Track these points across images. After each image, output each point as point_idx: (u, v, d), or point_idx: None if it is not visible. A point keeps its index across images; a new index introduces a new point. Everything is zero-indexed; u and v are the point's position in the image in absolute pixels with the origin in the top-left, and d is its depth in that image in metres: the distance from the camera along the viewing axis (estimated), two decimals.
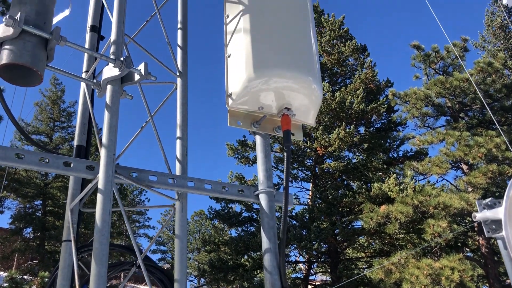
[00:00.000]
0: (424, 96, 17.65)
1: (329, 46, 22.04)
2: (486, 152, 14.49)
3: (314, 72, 2.79)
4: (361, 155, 20.07)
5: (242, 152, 20.60)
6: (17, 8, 2.11)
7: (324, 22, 22.78)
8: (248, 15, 2.82)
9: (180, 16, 3.28)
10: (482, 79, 16.92)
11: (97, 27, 3.16)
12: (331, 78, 22.30)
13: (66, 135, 29.15)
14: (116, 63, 2.28)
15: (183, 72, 3.05)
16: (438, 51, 18.41)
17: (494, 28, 22.12)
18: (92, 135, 2.87)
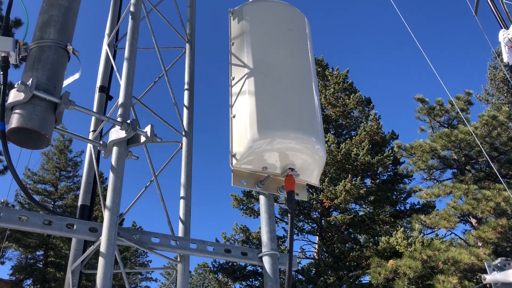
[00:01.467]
0: (429, 149, 17.66)
1: (334, 99, 22.36)
2: (495, 206, 14.30)
3: (317, 133, 2.82)
4: (368, 208, 19.85)
5: (247, 204, 20.45)
6: (29, 73, 2.19)
7: (329, 75, 23.24)
8: (252, 77, 2.90)
9: (187, 77, 3.37)
10: (488, 132, 16.97)
11: (105, 87, 3.25)
12: (336, 130, 22.47)
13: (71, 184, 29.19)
14: (123, 125, 2.32)
15: (189, 131, 3.10)
16: (442, 104, 18.61)
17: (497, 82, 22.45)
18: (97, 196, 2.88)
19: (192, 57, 3.51)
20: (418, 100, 19.11)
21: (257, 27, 3.15)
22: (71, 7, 2.48)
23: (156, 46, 3.27)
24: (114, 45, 3.44)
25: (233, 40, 3.24)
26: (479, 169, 17.91)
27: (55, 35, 2.33)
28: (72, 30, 2.47)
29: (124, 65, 2.64)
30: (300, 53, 3.09)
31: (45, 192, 28.56)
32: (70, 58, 2.41)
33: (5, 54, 2.23)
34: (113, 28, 3.52)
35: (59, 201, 28.67)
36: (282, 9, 3.30)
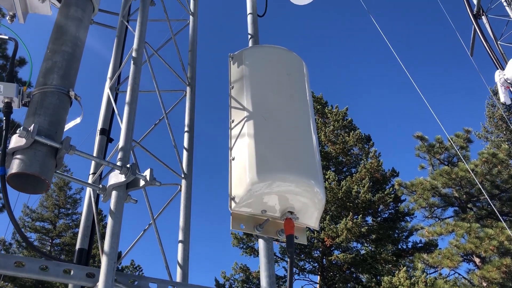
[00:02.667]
0: (430, 187, 17.61)
1: (334, 136, 22.47)
2: (498, 245, 14.12)
3: (316, 176, 2.83)
4: (370, 246, 19.59)
5: (247, 242, 20.20)
6: (31, 119, 2.22)
7: (328, 113, 23.45)
8: (252, 120, 2.93)
9: (187, 119, 3.41)
10: (488, 170, 16.96)
11: (106, 130, 3.29)
12: (336, 167, 22.46)
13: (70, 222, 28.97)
14: (123, 170, 2.34)
15: (188, 174, 3.11)
16: (441, 142, 18.68)
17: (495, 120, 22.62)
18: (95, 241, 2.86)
19: (193, 100, 3.56)
20: (417, 137, 19.20)
21: (257, 72, 3.22)
22: (74, 53, 2.54)
23: (157, 89, 3.33)
24: (115, 88, 3.50)
25: (233, 83, 3.30)
26: (481, 207, 17.78)
27: (58, 81, 2.38)
28: (75, 75, 2.52)
29: (125, 110, 2.68)
30: (298, 97, 3.14)
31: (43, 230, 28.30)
32: (72, 103, 2.45)
33: (9, 100, 2.27)
34: (115, 71, 3.59)
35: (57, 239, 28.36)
36: (281, 54, 3.37)
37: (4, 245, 25.17)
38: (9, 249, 26.30)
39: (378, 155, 21.57)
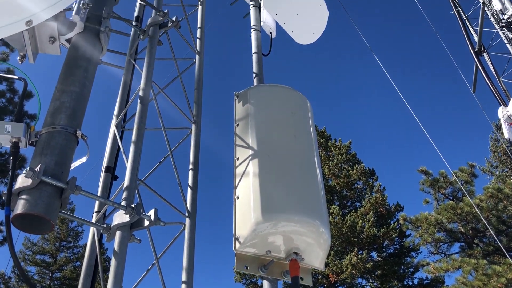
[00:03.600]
0: (435, 222, 17.41)
1: (338, 170, 22.41)
2: (506, 282, 13.82)
3: (322, 215, 2.82)
4: (375, 283, 19.23)
5: (250, 278, 19.87)
6: (38, 159, 2.23)
7: (332, 146, 23.47)
8: (256, 159, 2.94)
9: (192, 157, 3.42)
10: (494, 205, 16.79)
11: (111, 168, 3.30)
12: (340, 201, 22.31)
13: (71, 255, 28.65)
14: (127, 210, 2.33)
15: (192, 212, 3.10)
16: (446, 176, 18.59)
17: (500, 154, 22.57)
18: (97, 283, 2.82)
19: (198, 137, 3.59)
20: (421, 172, 19.12)
21: (262, 110, 3.25)
22: (82, 93, 2.58)
23: (163, 127, 3.35)
24: (121, 126, 3.53)
25: (238, 121, 3.33)
26: (488, 243, 17.52)
27: (65, 121, 2.40)
28: (82, 115, 2.55)
29: (131, 149, 2.70)
30: (303, 136, 3.15)
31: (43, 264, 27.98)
32: (78, 143, 2.47)
33: (16, 140, 2.30)
34: (122, 109, 3.63)
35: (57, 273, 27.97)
36: (285, 93, 3.41)
37: (4, 279, 24.84)
38: (8, 283, 25.94)
39: (382, 189, 21.45)
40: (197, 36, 4.49)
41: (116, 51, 3.48)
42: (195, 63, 4.21)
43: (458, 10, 9.59)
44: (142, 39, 3.58)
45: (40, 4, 2.11)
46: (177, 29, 3.65)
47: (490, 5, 9.40)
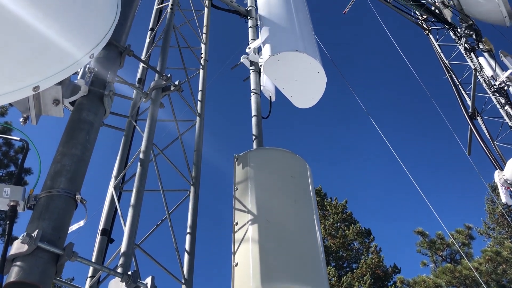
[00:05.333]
0: (433, 285, 16.99)
1: (333, 229, 22.13)
2: None
3: (322, 284, 2.76)
4: None
5: None
6: (36, 223, 2.19)
7: (327, 205, 23.30)
8: (256, 224, 2.91)
9: (190, 221, 3.39)
10: (493, 268, 16.48)
11: (107, 230, 3.24)
12: (336, 262, 21.83)
13: None
14: (124, 277, 2.26)
15: (189, 279, 3.02)
16: (443, 238, 18.38)
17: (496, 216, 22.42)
18: None
19: (196, 200, 3.56)
20: (418, 233, 18.91)
21: (261, 174, 3.25)
22: (83, 156, 2.58)
23: (162, 190, 3.33)
24: (120, 187, 3.50)
25: (237, 185, 3.32)
26: None
27: (65, 184, 2.38)
28: (82, 178, 2.53)
29: (129, 213, 2.66)
30: (303, 201, 3.14)
31: None
32: (77, 206, 2.44)
33: (14, 204, 2.26)
34: (120, 170, 3.62)
35: None
36: (285, 157, 3.43)
37: None
38: None
39: (379, 250, 21.10)
40: (198, 99, 4.57)
41: (117, 114, 3.52)
42: (195, 124, 4.25)
43: (451, 75, 9.88)
44: (144, 101, 3.63)
45: (48, 71, 2.15)
46: (180, 93, 3.72)
47: (482, 71, 9.70)
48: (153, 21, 5.18)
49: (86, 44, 2.31)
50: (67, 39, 2.17)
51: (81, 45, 2.29)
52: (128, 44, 3.39)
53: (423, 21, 11.27)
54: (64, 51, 2.19)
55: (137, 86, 4.20)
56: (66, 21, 2.12)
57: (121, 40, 3.41)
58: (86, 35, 2.31)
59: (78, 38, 2.26)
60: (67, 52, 2.21)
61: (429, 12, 11.06)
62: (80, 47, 2.28)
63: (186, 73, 4.47)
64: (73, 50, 2.24)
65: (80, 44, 2.28)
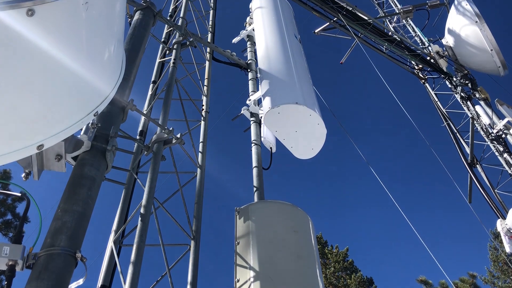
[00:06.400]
0: None
1: (335, 279, 21.63)
2: None
3: None
4: None
5: None
6: (34, 284, 2.15)
7: (328, 253, 22.90)
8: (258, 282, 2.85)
9: (190, 276, 3.32)
10: None
11: (106, 287, 3.17)
12: None
13: None
14: None
15: None
16: (446, 287, 17.96)
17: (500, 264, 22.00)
18: None
19: (197, 254, 3.51)
20: (421, 282, 18.52)
21: (263, 228, 3.22)
22: (85, 213, 2.56)
23: (162, 244, 3.29)
24: (119, 242, 3.46)
25: (239, 239, 3.27)
26: None
27: (66, 242, 2.35)
28: (83, 236, 2.50)
29: (130, 270, 2.62)
30: (306, 256, 3.09)
31: None
32: (77, 264, 2.39)
33: (13, 263, 2.22)
34: (121, 224, 3.59)
35: None
36: (286, 211, 3.41)
37: None
38: None
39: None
40: (199, 150, 4.59)
41: (118, 168, 3.52)
42: (196, 176, 4.25)
43: (448, 123, 9.98)
44: (146, 155, 3.65)
45: (52, 130, 2.17)
46: (181, 145, 3.74)
47: (479, 119, 9.81)
48: (156, 74, 5.29)
49: (91, 103, 2.35)
50: (72, 98, 2.21)
51: (85, 103, 2.32)
52: (131, 99, 3.44)
53: (419, 71, 11.50)
54: (69, 110, 2.22)
55: (139, 139, 4.24)
56: (71, 81, 2.15)
57: (125, 95, 3.47)
58: (91, 94, 2.35)
59: (83, 97, 2.30)
60: (72, 111, 2.25)
61: (424, 62, 11.31)
62: (85, 105, 2.32)
63: (187, 125, 4.51)
64: (77, 109, 2.27)
65: (84, 102, 2.32)
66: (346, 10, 10.42)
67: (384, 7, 13.50)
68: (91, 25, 2.16)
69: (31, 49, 1.86)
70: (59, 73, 2.05)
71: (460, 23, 10.52)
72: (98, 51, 2.34)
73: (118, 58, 2.73)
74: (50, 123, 2.15)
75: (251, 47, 6.28)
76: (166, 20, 5.15)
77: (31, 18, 1.79)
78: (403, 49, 11.17)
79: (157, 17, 4.67)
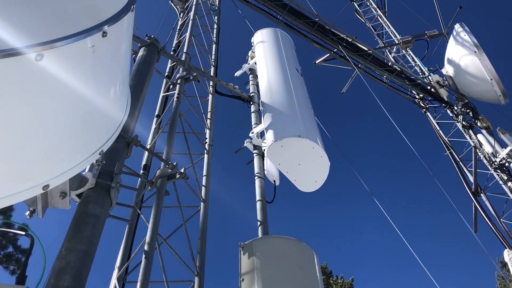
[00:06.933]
0: None
1: None
2: None
3: None
4: None
5: None
6: None
7: (333, 283, 22.56)
8: None
9: None
10: None
11: None
12: None
13: None
14: None
15: None
16: None
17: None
18: None
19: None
20: None
21: (268, 265, 3.19)
22: (89, 252, 2.54)
23: (166, 281, 3.25)
24: (123, 278, 3.43)
25: (243, 275, 3.24)
26: None
27: (69, 282, 2.33)
28: (87, 275, 2.48)
29: None
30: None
31: None
32: None
33: None
34: (124, 260, 3.56)
35: None
36: (291, 246, 3.38)
37: None
38: None
39: None
40: (202, 183, 4.59)
41: (122, 204, 3.52)
42: (199, 210, 4.23)
43: (451, 152, 9.99)
44: (149, 190, 3.65)
45: (58, 169, 2.18)
46: (185, 180, 3.75)
47: (481, 147, 9.82)
48: (159, 108, 5.35)
49: (96, 142, 2.37)
50: (78, 138, 2.23)
51: (91, 143, 2.35)
52: (135, 135, 3.47)
53: (420, 100, 11.58)
54: (75, 149, 2.24)
55: (143, 173, 4.25)
56: (78, 121, 2.18)
57: (129, 131, 3.50)
58: (97, 133, 2.37)
59: (89, 137, 2.32)
60: (78, 150, 2.27)
61: (425, 91, 11.40)
62: (90, 145, 2.34)
63: (191, 158, 4.53)
64: (83, 148, 2.29)
65: (90, 142, 2.34)
66: (346, 42, 10.59)
67: (383, 37, 13.72)
68: (97, 66, 2.21)
69: (38, 92, 1.90)
70: (65, 114, 2.09)
71: (459, 53, 10.65)
72: (104, 92, 2.38)
73: (123, 96, 2.76)
74: (55, 163, 2.17)
75: (253, 80, 6.36)
76: (170, 55, 5.24)
77: (40, 63, 1.83)
78: (403, 79, 11.28)
79: (161, 53, 4.75)
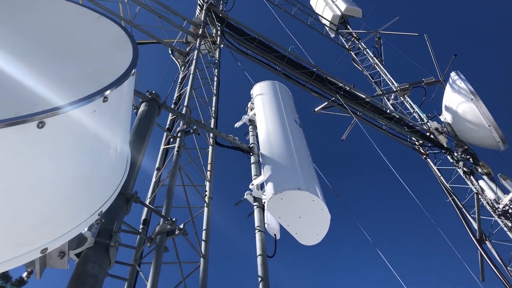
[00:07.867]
0: None
1: None
2: None
3: None
4: None
5: None
6: None
7: None
8: None
9: None
10: None
11: None
12: None
13: None
14: None
15: None
16: None
17: None
18: None
19: None
20: None
21: None
22: None
23: None
24: None
25: None
26: None
27: None
28: None
29: None
30: None
31: None
32: None
33: None
34: None
35: None
36: None
37: None
38: None
39: None
40: (202, 238, 4.55)
41: (121, 262, 3.48)
42: (199, 266, 4.18)
43: (453, 198, 9.93)
44: (148, 246, 3.62)
45: (56, 233, 2.19)
46: (185, 236, 3.73)
47: (484, 194, 9.77)
48: (159, 161, 5.38)
49: (95, 204, 2.39)
50: (77, 201, 2.25)
51: (90, 205, 2.36)
52: (135, 191, 3.49)
53: (419, 146, 11.64)
54: (74, 212, 2.25)
55: (142, 228, 4.23)
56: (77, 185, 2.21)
57: (129, 187, 3.51)
58: (96, 196, 2.39)
59: (88, 199, 2.34)
60: (77, 213, 2.28)
61: (424, 137, 11.48)
62: (89, 207, 2.35)
63: (190, 212, 4.51)
64: (82, 210, 2.30)
65: (89, 204, 2.35)
66: (344, 90, 10.77)
67: (381, 85, 13.96)
68: (98, 130, 2.25)
69: (39, 158, 1.93)
70: (65, 179, 2.11)
71: (457, 100, 10.81)
72: (104, 154, 2.42)
73: (123, 156, 2.80)
74: (54, 226, 2.17)
75: (253, 131, 6.44)
76: (171, 109, 5.33)
77: (41, 130, 1.88)
78: (402, 126, 11.39)
79: (162, 107, 4.84)
